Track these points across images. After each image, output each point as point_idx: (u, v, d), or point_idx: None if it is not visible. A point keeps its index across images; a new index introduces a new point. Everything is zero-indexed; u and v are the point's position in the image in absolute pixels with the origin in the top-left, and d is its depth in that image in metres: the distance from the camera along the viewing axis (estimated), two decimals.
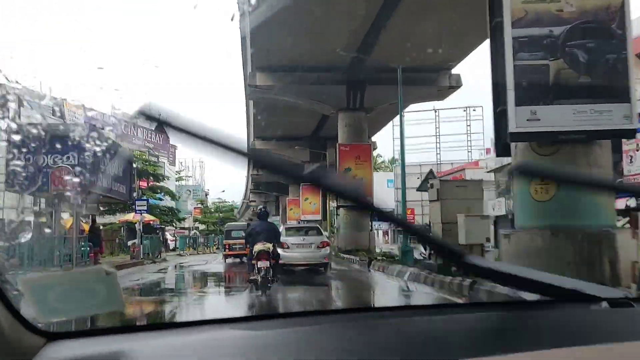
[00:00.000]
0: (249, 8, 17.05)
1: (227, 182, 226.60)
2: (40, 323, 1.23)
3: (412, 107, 34.44)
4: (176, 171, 75.01)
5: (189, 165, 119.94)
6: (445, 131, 62.85)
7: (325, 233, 35.83)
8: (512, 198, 13.08)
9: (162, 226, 31.74)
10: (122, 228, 27.97)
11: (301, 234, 14.67)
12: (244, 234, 15.72)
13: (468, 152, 60.05)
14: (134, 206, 22.25)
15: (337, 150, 23.49)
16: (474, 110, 59.54)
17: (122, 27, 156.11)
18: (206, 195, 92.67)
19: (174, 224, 33.69)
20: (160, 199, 30.41)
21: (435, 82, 23.56)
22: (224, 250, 20.93)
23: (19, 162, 8.04)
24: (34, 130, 10.69)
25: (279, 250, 12.25)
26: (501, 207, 35.35)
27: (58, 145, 13.59)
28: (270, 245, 9.18)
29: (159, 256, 23.31)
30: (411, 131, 64.34)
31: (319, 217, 39.12)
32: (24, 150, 9.02)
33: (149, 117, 1.22)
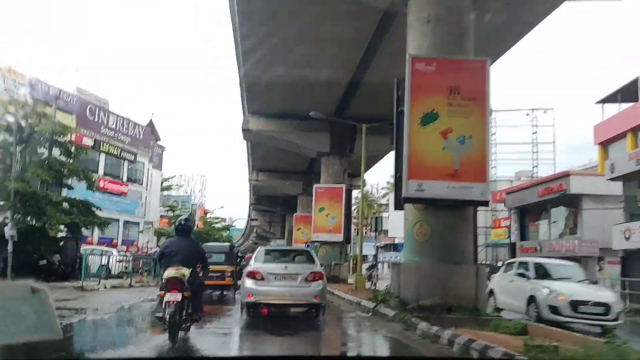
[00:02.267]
0: None
1: (234, 206, 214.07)
2: None
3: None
4: (163, 177, 62.03)
5: (189, 178, 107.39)
6: (503, 139, 49.60)
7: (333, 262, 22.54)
8: None
9: (73, 236, 18.25)
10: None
11: (284, 261, 10.60)
12: (225, 258, 15.15)
13: (533, 166, 46.74)
14: None
15: (410, 69, 10.01)
16: (544, 112, 46.00)
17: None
18: (205, 214, 79.56)
19: (87, 228, 19.53)
20: (69, 187, 17.18)
21: None
22: None
23: None
24: None
25: (250, 283, 9.71)
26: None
27: None
28: (186, 271, 6.93)
29: None
30: None
31: (339, 237, 25.58)
32: None
33: None
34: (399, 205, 11.06)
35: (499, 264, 31.90)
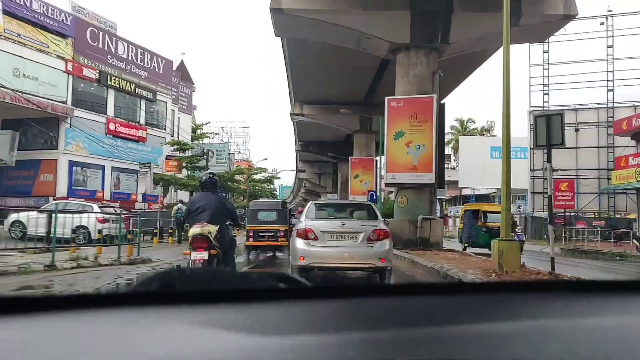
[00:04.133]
0: None
1: (280, 159, 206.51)
2: None
3: None
4: (194, 123, 53.47)
5: (231, 129, 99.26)
6: (622, 52, 38.33)
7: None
8: None
9: None
10: None
11: (340, 217, 9.27)
12: (276, 216, 14.35)
13: None
14: None
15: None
16: None
17: None
18: (249, 167, 71.18)
19: None
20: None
21: None
22: (247, 240, 14.37)
23: None
24: None
25: (300, 244, 8.57)
26: None
27: None
28: (212, 229, 6.54)
29: None
30: (555, 52, 41.00)
31: (429, 177, 16.16)
32: None
33: None
34: None
35: None
